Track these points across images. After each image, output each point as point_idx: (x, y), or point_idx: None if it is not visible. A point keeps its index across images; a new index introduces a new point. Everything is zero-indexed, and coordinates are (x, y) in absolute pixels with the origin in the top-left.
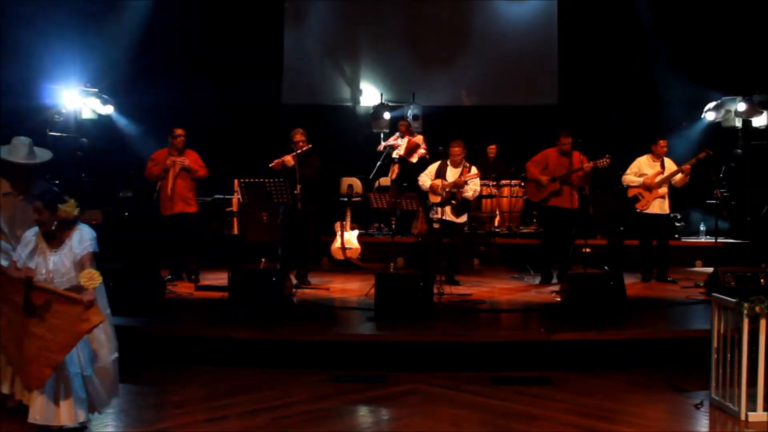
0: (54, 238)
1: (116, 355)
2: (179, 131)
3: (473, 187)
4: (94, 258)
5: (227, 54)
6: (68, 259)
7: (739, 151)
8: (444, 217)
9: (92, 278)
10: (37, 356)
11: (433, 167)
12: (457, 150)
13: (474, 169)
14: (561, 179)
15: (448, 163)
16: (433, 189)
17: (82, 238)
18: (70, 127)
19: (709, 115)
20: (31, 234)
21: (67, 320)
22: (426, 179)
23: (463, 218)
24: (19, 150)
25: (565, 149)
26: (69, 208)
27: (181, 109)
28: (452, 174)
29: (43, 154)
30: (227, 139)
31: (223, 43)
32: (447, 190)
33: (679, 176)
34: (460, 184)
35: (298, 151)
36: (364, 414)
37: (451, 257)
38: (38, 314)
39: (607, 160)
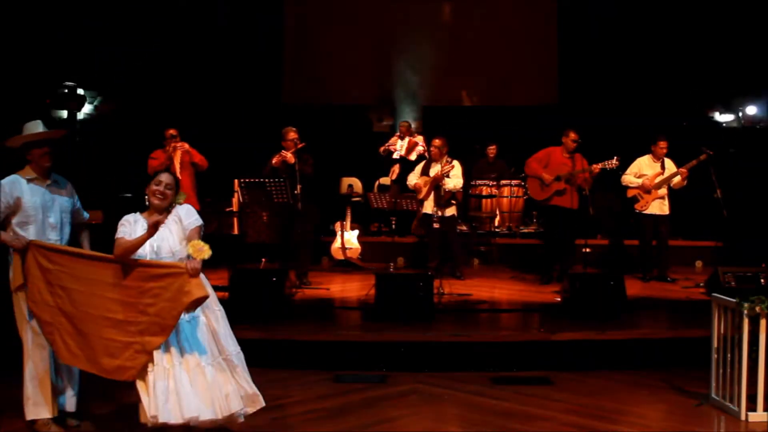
0: (160, 214)
1: (238, 348)
2: (172, 131)
3: (453, 180)
4: (201, 231)
5: (227, 53)
6: (175, 232)
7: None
8: (430, 212)
9: (201, 250)
10: (125, 345)
11: (419, 166)
12: (435, 143)
13: (454, 162)
14: (566, 179)
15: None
16: (416, 188)
17: (189, 212)
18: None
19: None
20: (131, 216)
21: (166, 295)
22: (412, 178)
23: (450, 211)
24: (38, 126)
25: (572, 147)
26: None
27: (180, 109)
28: (435, 170)
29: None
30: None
31: (223, 40)
32: (428, 187)
33: (677, 178)
34: (438, 179)
35: (299, 146)
36: (364, 414)
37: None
38: (126, 295)
39: (616, 162)
